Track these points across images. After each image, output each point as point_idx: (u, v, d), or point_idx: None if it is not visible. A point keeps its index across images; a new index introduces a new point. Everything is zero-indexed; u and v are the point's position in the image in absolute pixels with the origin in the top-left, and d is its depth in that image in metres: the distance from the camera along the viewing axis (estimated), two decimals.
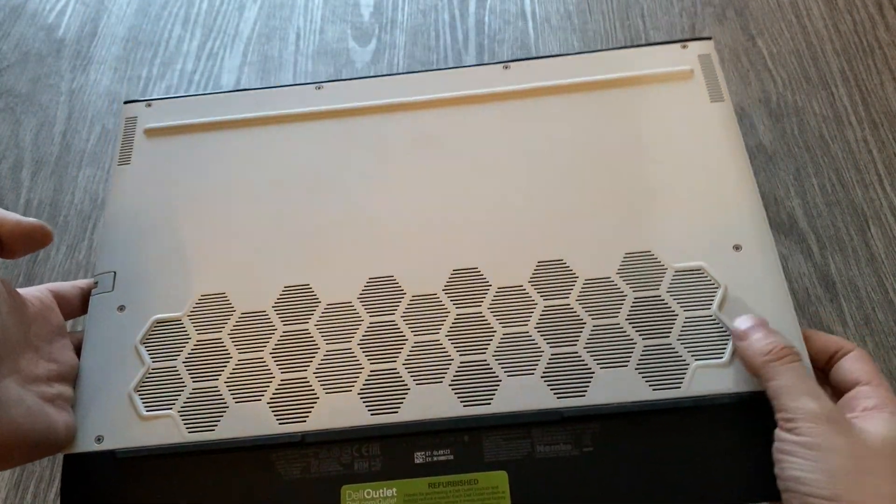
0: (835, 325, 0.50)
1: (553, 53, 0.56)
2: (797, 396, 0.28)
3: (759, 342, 0.30)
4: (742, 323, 0.32)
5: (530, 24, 0.68)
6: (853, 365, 0.30)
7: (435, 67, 0.64)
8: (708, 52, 0.41)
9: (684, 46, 0.41)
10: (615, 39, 0.67)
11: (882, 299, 0.51)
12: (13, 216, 0.31)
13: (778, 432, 0.28)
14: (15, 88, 0.60)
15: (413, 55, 0.65)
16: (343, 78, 0.44)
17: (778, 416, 0.29)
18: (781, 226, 0.55)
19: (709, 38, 0.42)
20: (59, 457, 0.42)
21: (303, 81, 0.62)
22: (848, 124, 0.62)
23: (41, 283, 0.51)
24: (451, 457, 0.32)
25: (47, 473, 0.41)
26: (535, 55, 0.65)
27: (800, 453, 0.27)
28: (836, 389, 0.31)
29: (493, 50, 0.66)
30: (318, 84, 0.43)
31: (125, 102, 0.44)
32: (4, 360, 0.29)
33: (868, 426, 0.28)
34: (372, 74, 0.47)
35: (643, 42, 0.67)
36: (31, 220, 0.32)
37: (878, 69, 0.66)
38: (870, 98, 0.64)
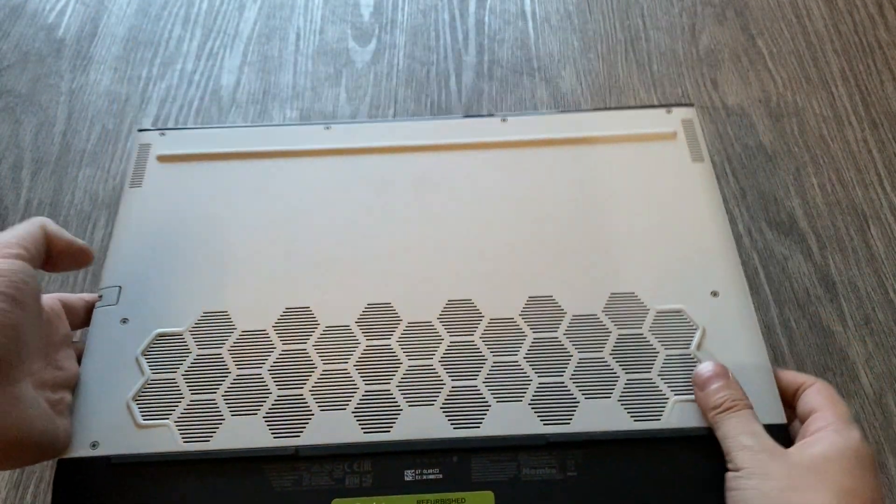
0: (835, 325, 0.50)
1: (551, 111, 0.57)
2: (736, 437, 0.31)
3: (712, 395, 0.33)
4: (703, 371, 0.34)
5: (530, 24, 0.68)
6: (813, 397, 0.33)
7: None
8: (690, 118, 0.45)
9: (669, 111, 0.45)
10: (615, 39, 0.67)
11: (882, 299, 0.51)
12: (67, 235, 0.34)
13: (726, 475, 0.31)
14: (15, 88, 0.60)
15: (413, 55, 0.65)
16: (350, 121, 0.47)
17: (726, 459, 0.32)
18: (781, 226, 0.55)
19: (691, 105, 0.46)
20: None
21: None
22: (848, 124, 0.62)
23: (41, 281, 0.51)
24: (440, 476, 0.33)
25: (47, 474, 0.41)
26: (534, 55, 0.66)
27: (742, 485, 0.30)
28: (801, 419, 0.33)
29: (494, 50, 0.66)
30: (327, 124, 0.45)
31: (139, 130, 0.45)
32: (25, 362, 0.30)
33: (812, 447, 0.30)
34: (377, 119, 0.49)
35: (643, 39, 0.67)
36: (81, 242, 0.35)
37: (878, 69, 0.66)
38: (870, 98, 0.64)
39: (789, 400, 0.35)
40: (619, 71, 0.65)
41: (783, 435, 0.33)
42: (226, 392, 0.35)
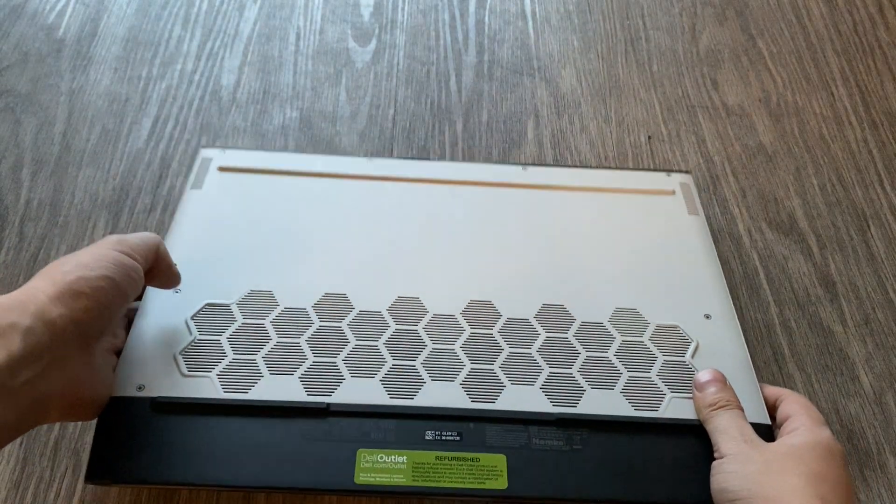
0: (835, 325, 0.50)
1: (565, 166, 0.59)
2: (725, 430, 0.36)
3: (708, 395, 0.38)
4: (702, 376, 0.39)
5: (530, 23, 0.68)
6: (789, 405, 0.38)
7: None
8: (687, 182, 0.51)
9: (668, 175, 0.52)
10: (615, 39, 0.67)
11: (882, 299, 0.51)
12: (170, 260, 0.40)
13: (712, 463, 0.36)
14: (15, 88, 0.60)
15: (413, 55, 0.65)
16: (390, 156, 0.55)
17: (714, 449, 0.36)
18: (781, 226, 0.55)
19: (688, 172, 0.52)
20: (57, 457, 0.42)
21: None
22: (848, 124, 0.62)
23: None
24: (458, 438, 0.37)
25: (47, 474, 0.41)
26: (534, 55, 0.66)
27: (726, 469, 0.35)
28: (779, 424, 0.38)
29: (494, 50, 0.66)
30: (370, 157, 0.51)
31: (202, 147, 0.51)
32: (106, 333, 0.36)
33: (788, 439, 0.35)
34: (410, 157, 0.53)
35: (643, 39, 0.67)
36: (177, 269, 0.40)
37: (878, 69, 0.66)
38: (870, 98, 0.64)
39: (769, 410, 0.39)
40: (619, 71, 0.65)
41: (767, 434, 0.37)
42: (266, 355, 0.39)
